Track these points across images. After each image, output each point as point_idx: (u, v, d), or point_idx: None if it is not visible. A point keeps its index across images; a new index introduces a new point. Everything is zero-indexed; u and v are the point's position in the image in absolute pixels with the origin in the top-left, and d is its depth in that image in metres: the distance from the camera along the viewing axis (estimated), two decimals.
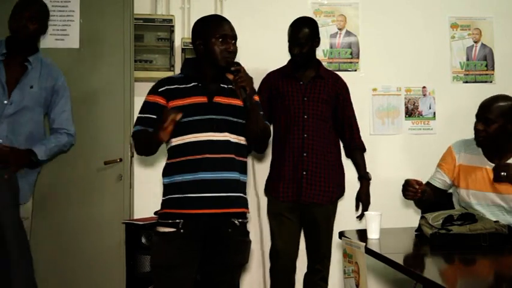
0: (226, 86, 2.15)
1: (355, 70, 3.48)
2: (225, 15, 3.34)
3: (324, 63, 3.43)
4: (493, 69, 3.56)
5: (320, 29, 2.94)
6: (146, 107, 2.14)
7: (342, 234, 2.20)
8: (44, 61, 2.58)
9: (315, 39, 2.87)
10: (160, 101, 2.09)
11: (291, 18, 3.17)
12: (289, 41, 2.86)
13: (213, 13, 3.29)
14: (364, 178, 3.00)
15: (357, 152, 3.00)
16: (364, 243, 1.95)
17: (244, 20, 3.29)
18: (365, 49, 3.47)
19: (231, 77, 2.08)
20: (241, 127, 2.12)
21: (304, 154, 2.79)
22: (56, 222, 2.98)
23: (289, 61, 2.96)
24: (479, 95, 3.46)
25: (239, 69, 2.06)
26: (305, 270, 2.95)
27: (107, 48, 3.08)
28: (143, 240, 2.75)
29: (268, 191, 2.92)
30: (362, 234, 2.15)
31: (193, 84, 2.11)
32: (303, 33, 2.81)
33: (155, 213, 2.26)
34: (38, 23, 2.47)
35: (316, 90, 2.86)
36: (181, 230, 2.00)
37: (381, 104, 3.47)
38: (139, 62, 3.17)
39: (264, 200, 3.08)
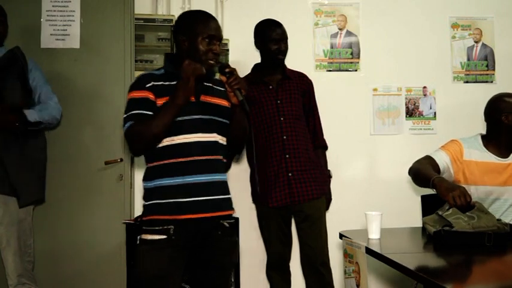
0: (210, 85, 2.08)
1: (356, 70, 3.48)
2: (225, 15, 3.37)
3: (325, 63, 3.45)
4: (494, 69, 3.56)
5: (321, 29, 2.95)
6: (136, 103, 1.95)
7: (342, 234, 2.20)
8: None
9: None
10: (151, 96, 1.94)
11: (292, 19, 3.19)
12: (266, 41, 2.88)
13: (213, 13, 3.33)
14: (326, 176, 3.04)
15: (319, 150, 3.03)
16: (365, 244, 1.95)
17: (244, 20, 3.30)
18: (365, 49, 3.47)
19: (223, 78, 2.02)
20: (227, 128, 2.06)
21: (287, 156, 2.81)
22: (57, 222, 2.98)
23: (254, 67, 3.00)
24: (480, 95, 3.47)
25: (232, 71, 2.01)
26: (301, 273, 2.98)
27: (107, 48, 3.08)
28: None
29: (257, 199, 2.94)
30: (362, 234, 2.15)
31: (176, 81, 1.97)
32: (282, 29, 2.89)
33: (137, 219, 2.09)
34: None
35: (287, 92, 2.90)
36: (173, 237, 1.90)
37: (382, 104, 3.47)
38: (139, 62, 3.18)
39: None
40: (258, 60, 3.05)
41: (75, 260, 2.99)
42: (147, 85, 1.96)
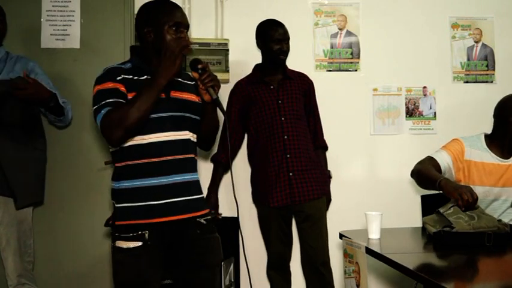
0: (179, 80, 1.98)
1: (356, 70, 3.48)
2: (225, 15, 3.38)
3: (325, 63, 3.45)
4: (494, 69, 3.56)
5: (321, 29, 2.95)
6: (108, 93, 1.82)
7: (342, 234, 2.20)
8: (10, 53, 2.67)
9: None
10: (122, 88, 1.83)
11: (292, 19, 3.19)
12: (268, 41, 2.89)
13: (213, 13, 3.34)
14: (326, 176, 3.05)
15: (319, 150, 3.04)
16: (365, 244, 1.95)
17: (244, 20, 3.30)
18: (365, 49, 3.47)
19: (195, 75, 1.91)
20: (198, 124, 1.99)
21: (288, 155, 2.81)
22: (56, 222, 2.97)
23: (255, 67, 3.01)
24: (480, 95, 3.49)
25: (205, 67, 1.89)
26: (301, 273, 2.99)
27: (107, 48, 3.07)
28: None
29: (258, 199, 2.95)
30: (362, 234, 2.15)
31: (145, 77, 1.88)
32: (284, 30, 2.90)
33: (108, 223, 1.96)
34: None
35: (288, 91, 2.91)
36: (149, 242, 1.82)
37: (382, 104, 3.47)
38: None
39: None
40: (258, 60, 3.06)
41: (75, 260, 2.99)
42: (118, 78, 1.85)
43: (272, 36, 2.87)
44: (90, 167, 3.03)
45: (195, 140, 2.00)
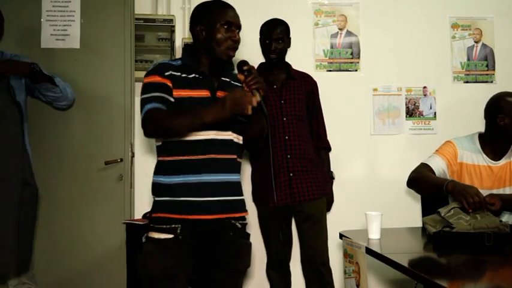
0: (228, 80, 2.01)
1: (356, 70, 3.48)
2: None
3: (325, 63, 3.45)
4: (494, 69, 3.56)
5: (321, 29, 2.94)
6: (156, 87, 1.88)
7: (342, 235, 2.20)
8: (4, 53, 2.66)
9: (288, 37, 2.94)
10: (169, 83, 1.88)
11: (292, 19, 3.18)
12: (263, 39, 2.90)
13: None
14: (329, 177, 3.04)
15: (322, 151, 3.03)
16: (365, 244, 1.95)
17: (244, 20, 3.27)
18: (366, 49, 3.47)
19: (241, 77, 1.92)
20: (242, 126, 1.99)
21: (288, 156, 2.81)
22: (57, 222, 2.97)
23: (259, 66, 3.00)
24: (480, 95, 3.47)
25: (251, 69, 1.91)
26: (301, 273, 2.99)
27: (107, 48, 3.08)
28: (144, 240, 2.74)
29: (258, 199, 2.95)
30: (362, 234, 2.15)
31: (193, 75, 1.93)
32: (280, 29, 2.89)
33: (145, 216, 2.00)
34: None
35: (291, 92, 2.90)
36: (180, 237, 1.85)
37: (382, 104, 3.47)
38: (140, 62, 3.18)
39: None
40: (258, 59, 3.05)
41: (75, 260, 2.99)
42: (166, 73, 1.89)
43: (266, 36, 2.88)
44: (90, 167, 3.03)
45: (239, 142, 2.00)
